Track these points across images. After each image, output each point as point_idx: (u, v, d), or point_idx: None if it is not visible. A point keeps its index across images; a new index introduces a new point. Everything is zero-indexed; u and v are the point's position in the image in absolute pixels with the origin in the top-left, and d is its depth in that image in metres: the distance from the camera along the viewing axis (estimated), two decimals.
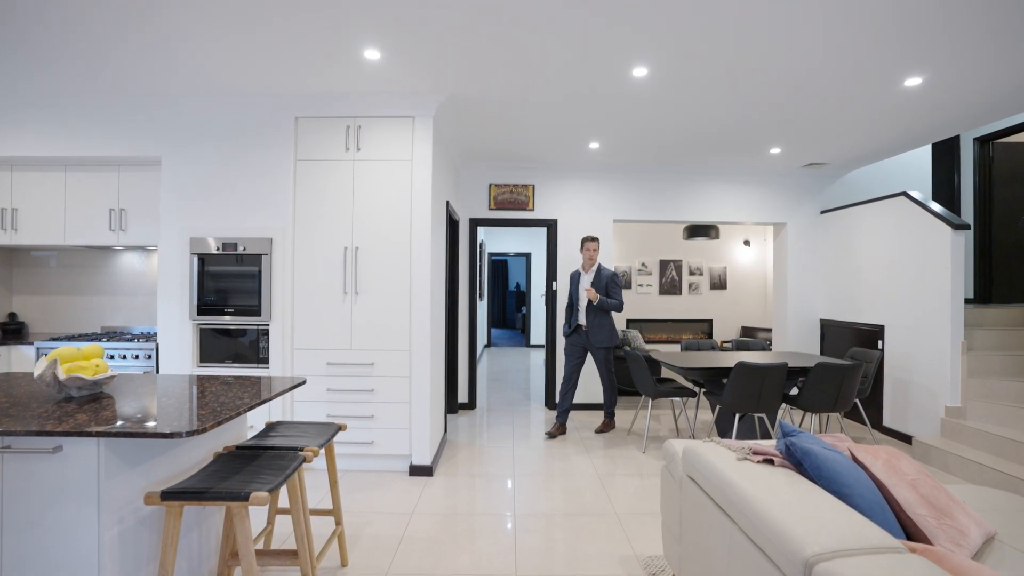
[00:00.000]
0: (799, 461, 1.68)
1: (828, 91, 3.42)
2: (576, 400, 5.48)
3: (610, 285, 4.47)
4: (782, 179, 5.59)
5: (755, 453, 1.83)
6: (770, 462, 1.76)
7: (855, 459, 1.79)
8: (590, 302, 4.45)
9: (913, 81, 3.24)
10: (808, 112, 3.81)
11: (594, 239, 4.59)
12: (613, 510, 3.09)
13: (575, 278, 4.69)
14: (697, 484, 1.91)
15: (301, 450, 2.19)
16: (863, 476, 1.63)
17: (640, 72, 3.18)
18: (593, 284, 4.50)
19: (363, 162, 3.60)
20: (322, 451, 3.52)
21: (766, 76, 3.21)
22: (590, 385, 5.50)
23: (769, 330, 7.58)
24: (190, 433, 1.54)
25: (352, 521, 2.91)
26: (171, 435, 1.50)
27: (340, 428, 2.59)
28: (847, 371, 3.72)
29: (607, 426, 4.71)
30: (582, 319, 4.56)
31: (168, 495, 1.59)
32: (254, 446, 2.22)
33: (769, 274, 8.07)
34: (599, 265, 4.56)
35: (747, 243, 8.17)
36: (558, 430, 4.55)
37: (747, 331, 7.92)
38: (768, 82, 3.30)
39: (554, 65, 3.10)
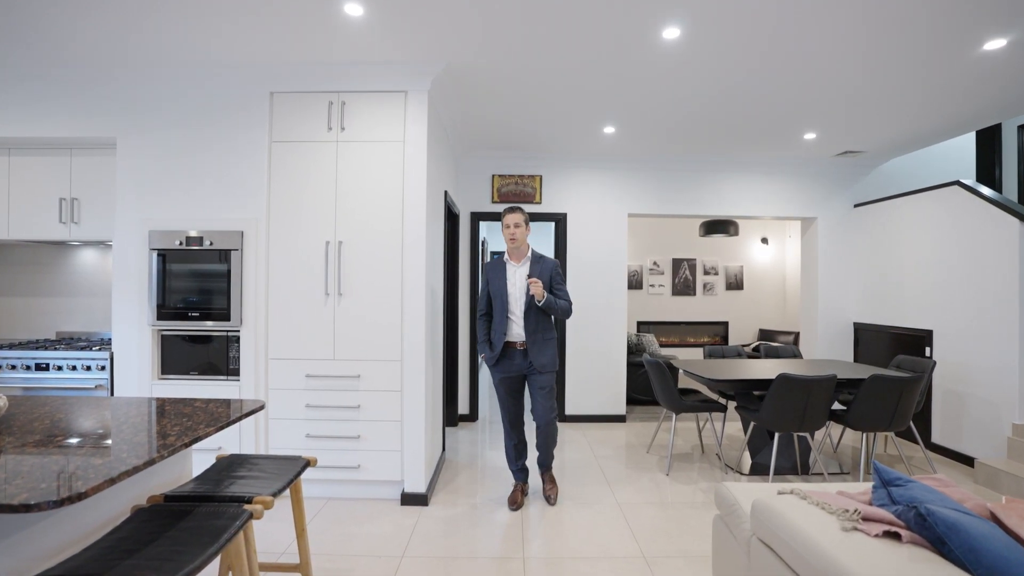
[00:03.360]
0: (940, 537, 1.19)
1: (887, 58, 2.93)
2: (583, 411, 4.99)
3: (555, 280, 3.04)
4: (812, 170, 5.10)
5: (866, 519, 1.34)
6: (894, 536, 1.27)
7: (1001, 525, 1.31)
8: (530, 303, 2.98)
9: (995, 44, 2.74)
10: (858, 85, 3.31)
11: (516, 209, 3.01)
12: (639, 551, 2.61)
13: (496, 271, 3.10)
14: (778, 556, 1.42)
15: (249, 501, 1.70)
16: None
17: (671, 34, 2.69)
18: (531, 275, 3.00)
19: (348, 143, 3.12)
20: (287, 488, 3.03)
21: (816, 38, 2.72)
22: (598, 390, 5.01)
23: (789, 333, 7.09)
24: (59, 503, 1.06)
25: (328, 568, 2.42)
26: (27, 508, 1.02)
27: (308, 463, 2.11)
28: (906, 384, 3.22)
29: (553, 484, 3.23)
30: (516, 331, 3.02)
31: None
32: (188, 496, 1.74)
33: (788, 274, 7.57)
34: (533, 251, 3.10)
35: (765, 241, 7.68)
36: (521, 493, 3.16)
37: (765, 334, 7.43)
38: (817, 47, 2.81)
39: (571, 25, 2.61)
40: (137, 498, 1.78)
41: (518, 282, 3.04)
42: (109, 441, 1.58)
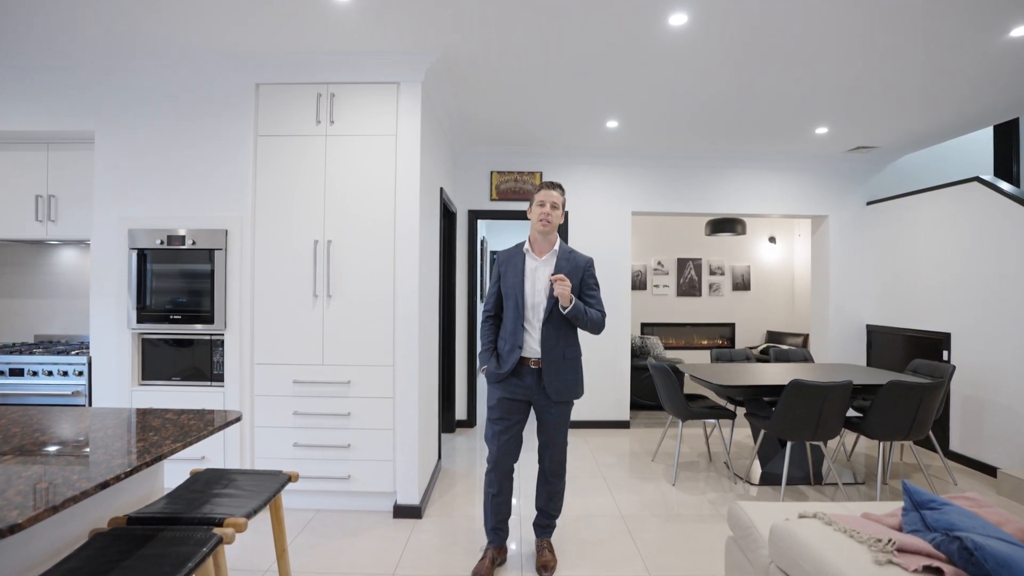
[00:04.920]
0: (989, 575, 1.03)
1: (904, 47, 2.76)
2: (585, 417, 4.82)
3: (587, 283, 2.38)
4: (823, 166, 4.93)
5: (901, 551, 1.18)
6: (935, 571, 1.11)
7: None
8: (553, 309, 2.30)
9: (1022, 31, 2.57)
10: (873, 77, 3.14)
11: (557, 186, 2.38)
12: (645, 569, 2.45)
13: (512, 263, 2.42)
14: None
15: (220, 523, 1.56)
16: None
17: (678, 20, 2.53)
18: (556, 272, 2.31)
19: (338, 137, 2.97)
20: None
21: (829, 26, 2.56)
22: (601, 395, 4.85)
23: (798, 335, 6.92)
24: None
25: None
26: None
27: (290, 479, 1.97)
28: (926, 391, 3.05)
29: (552, 553, 2.47)
30: (531, 345, 2.33)
31: None
32: (154, 517, 1.59)
33: (797, 274, 7.40)
34: (561, 243, 2.41)
35: (773, 240, 7.51)
36: (491, 563, 2.38)
37: (773, 336, 7.26)
38: (830, 35, 2.64)
39: (573, 11, 2.45)
40: (97, 520, 1.63)
41: (539, 281, 2.34)
42: (62, 460, 1.44)
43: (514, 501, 2.58)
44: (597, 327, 2.36)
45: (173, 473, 2.38)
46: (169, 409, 2.00)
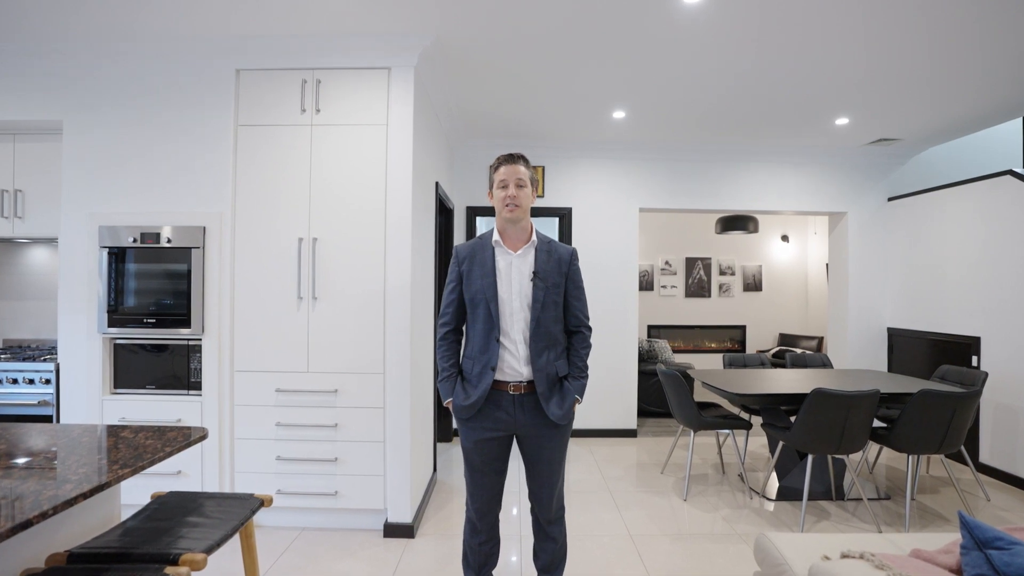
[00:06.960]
0: None
1: (930, 30, 2.52)
2: (589, 425, 4.59)
3: (573, 279, 1.92)
4: (842, 160, 4.68)
5: None
6: None
7: None
8: (540, 315, 1.82)
9: None
10: (896, 61, 2.90)
11: (518, 159, 1.85)
12: None
13: (477, 260, 1.88)
14: None
15: (175, 560, 1.35)
16: None
17: None
18: (539, 271, 1.84)
19: (324, 127, 2.75)
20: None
21: (853, 7, 2.32)
22: (606, 402, 4.62)
23: (812, 338, 6.67)
24: None
25: None
26: None
27: (263, 503, 1.76)
28: (961, 400, 2.81)
29: None
30: (512, 365, 1.82)
31: None
32: (99, 553, 1.38)
33: (811, 274, 7.15)
34: (538, 232, 1.90)
35: (785, 238, 7.26)
36: None
37: (786, 339, 7.01)
38: (854, 18, 2.41)
39: None
40: (33, 558, 1.42)
41: (516, 281, 1.83)
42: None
43: (515, 550, 2.31)
44: (584, 338, 1.96)
45: (147, 488, 2.18)
46: (127, 426, 1.79)
